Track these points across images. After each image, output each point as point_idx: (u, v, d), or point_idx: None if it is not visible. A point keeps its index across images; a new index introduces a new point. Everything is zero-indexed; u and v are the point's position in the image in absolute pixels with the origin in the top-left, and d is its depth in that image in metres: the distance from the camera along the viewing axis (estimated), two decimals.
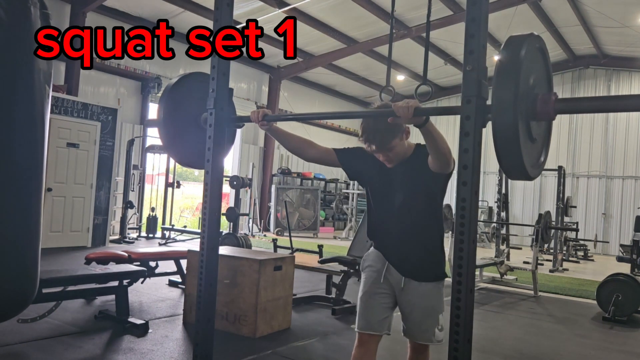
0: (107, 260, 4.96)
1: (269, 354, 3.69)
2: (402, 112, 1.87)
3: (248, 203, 13.09)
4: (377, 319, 2.33)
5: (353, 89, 16.46)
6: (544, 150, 1.86)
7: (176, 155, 2.66)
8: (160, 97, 2.56)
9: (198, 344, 2.32)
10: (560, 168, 10.63)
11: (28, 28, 2.67)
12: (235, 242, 7.34)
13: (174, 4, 10.30)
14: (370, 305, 2.35)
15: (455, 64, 13.74)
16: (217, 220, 2.41)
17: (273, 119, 2.33)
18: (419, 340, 2.37)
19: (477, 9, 1.67)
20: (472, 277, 1.68)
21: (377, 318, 2.33)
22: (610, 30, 12.00)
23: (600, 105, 1.92)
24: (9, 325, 3.64)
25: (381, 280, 2.36)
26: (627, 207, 14.27)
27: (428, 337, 2.33)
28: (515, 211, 15.26)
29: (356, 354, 2.32)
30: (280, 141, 2.47)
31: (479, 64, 1.67)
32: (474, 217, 1.68)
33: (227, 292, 4.13)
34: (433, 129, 1.97)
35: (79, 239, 8.41)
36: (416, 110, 1.86)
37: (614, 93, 14.37)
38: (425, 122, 1.93)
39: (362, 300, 2.39)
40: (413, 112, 1.86)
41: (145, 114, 11.26)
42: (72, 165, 8.27)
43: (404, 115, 1.88)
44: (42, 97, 2.83)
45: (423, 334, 2.34)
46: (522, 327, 5.06)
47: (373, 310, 2.34)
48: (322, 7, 10.93)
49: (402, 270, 2.34)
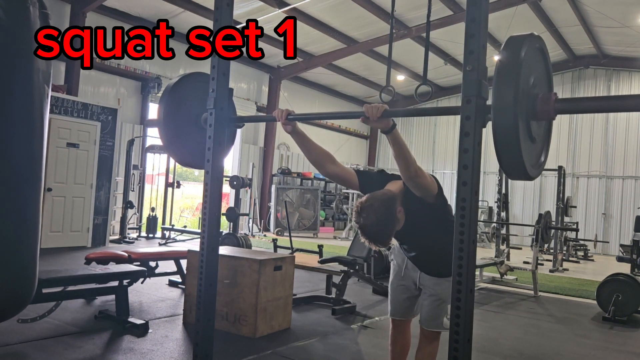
0: (107, 260, 4.96)
1: (269, 354, 3.68)
2: (371, 112, 2.02)
3: (248, 203, 13.09)
4: (401, 307, 2.72)
5: (353, 89, 16.45)
6: (544, 150, 1.86)
7: (176, 155, 2.66)
8: (160, 97, 2.56)
9: (198, 344, 2.32)
10: (560, 168, 10.62)
11: (27, 28, 2.67)
12: (235, 242, 7.34)
13: (174, 4, 10.29)
14: (395, 296, 2.74)
15: (455, 64, 13.74)
16: (217, 220, 2.40)
17: (296, 118, 2.30)
18: (431, 327, 2.61)
19: (477, 9, 1.67)
20: (472, 277, 1.68)
21: (401, 306, 2.72)
22: (610, 30, 12.00)
23: (600, 105, 1.92)
24: (9, 325, 3.64)
25: (402, 275, 2.69)
26: (627, 207, 14.26)
27: (437, 324, 2.59)
28: (515, 211, 15.26)
29: (392, 335, 2.78)
30: (303, 148, 2.45)
31: (479, 64, 1.67)
32: (474, 217, 1.68)
33: (227, 292, 4.13)
34: (399, 137, 2.11)
35: (79, 239, 8.41)
36: (385, 112, 2.01)
37: (614, 93, 14.37)
38: (392, 129, 2.06)
39: (390, 289, 2.77)
40: (381, 113, 2.01)
41: (145, 114, 11.25)
42: (72, 165, 8.27)
43: (371, 116, 2.03)
44: (41, 96, 2.83)
45: (434, 321, 2.59)
46: (522, 327, 5.06)
47: (397, 300, 2.73)
48: (322, 7, 10.93)
49: (419, 266, 2.63)
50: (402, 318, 2.74)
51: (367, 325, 4.67)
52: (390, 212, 2.29)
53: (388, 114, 2.04)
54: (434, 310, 2.60)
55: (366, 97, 17.14)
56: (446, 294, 2.46)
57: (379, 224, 2.27)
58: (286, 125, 2.32)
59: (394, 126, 2.08)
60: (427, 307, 2.63)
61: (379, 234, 2.30)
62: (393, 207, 2.31)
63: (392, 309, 2.76)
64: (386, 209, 2.28)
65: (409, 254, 2.67)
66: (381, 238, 2.32)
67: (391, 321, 2.78)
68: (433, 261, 2.58)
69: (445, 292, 2.49)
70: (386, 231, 2.31)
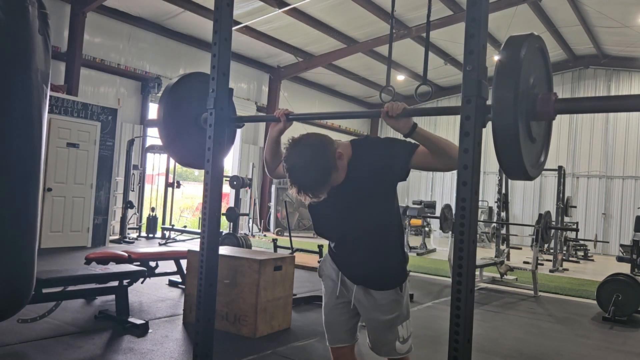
0: (107, 260, 4.96)
1: (269, 354, 3.69)
2: (391, 107, 1.86)
3: (248, 203, 13.09)
4: (342, 330, 2.25)
5: (353, 89, 16.45)
6: (544, 150, 1.86)
7: (176, 155, 2.66)
8: (160, 97, 2.56)
9: (198, 344, 2.32)
10: (560, 168, 10.63)
11: (26, 28, 2.67)
12: (235, 242, 7.34)
13: (174, 4, 10.29)
14: (333, 319, 2.26)
15: (455, 64, 13.74)
16: (217, 220, 2.40)
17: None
18: (381, 354, 2.22)
19: (477, 9, 1.67)
20: (472, 277, 1.67)
21: (342, 329, 2.25)
22: (610, 30, 12.00)
23: (600, 105, 1.92)
24: (9, 325, 3.64)
25: (337, 293, 2.23)
26: (627, 207, 14.27)
27: (388, 351, 2.17)
28: (515, 211, 15.26)
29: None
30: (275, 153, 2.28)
31: (479, 64, 1.67)
32: (474, 217, 1.67)
33: (227, 292, 4.13)
34: (425, 133, 1.90)
35: (79, 239, 8.41)
36: (404, 110, 1.86)
37: (614, 93, 14.37)
38: (413, 130, 1.88)
39: (325, 312, 2.30)
40: (401, 110, 1.85)
41: (145, 114, 11.25)
42: (72, 165, 8.27)
43: (391, 111, 1.86)
44: (40, 96, 2.83)
45: (383, 347, 2.19)
46: (522, 327, 5.06)
47: (337, 323, 2.25)
48: (322, 7, 10.93)
49: (356, 279, 2.16)
50: (345, 344, 2.25)
51: None
52: (328, 151, 1.93)
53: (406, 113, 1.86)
54: (380, 334, 2.17)
55: (366, 97, 17.15)
56: (397, 311, 2.12)
57: (313, 162, 1.89)
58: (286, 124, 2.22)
59: (415, 126, 1.88)
60: (373, 331, 2.20)
61: (312, 176, 1.90)
62: (332, 147, 1.94)
63: (331, 336, 2.27)
64: (324, 146, 1.93)
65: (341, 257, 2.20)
66: (315, 184, 1.90)
67: (331, 351, 2.28)
68: (375, 268, 2.11)
69: (395, 309, 2.12)
70: (322, 174, 1.91)
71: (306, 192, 1.92)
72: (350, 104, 17.05)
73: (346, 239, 2.18)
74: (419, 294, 6.28)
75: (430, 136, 1.92)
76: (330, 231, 2.22)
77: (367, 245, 2.11)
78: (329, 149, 1.94)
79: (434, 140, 1.92)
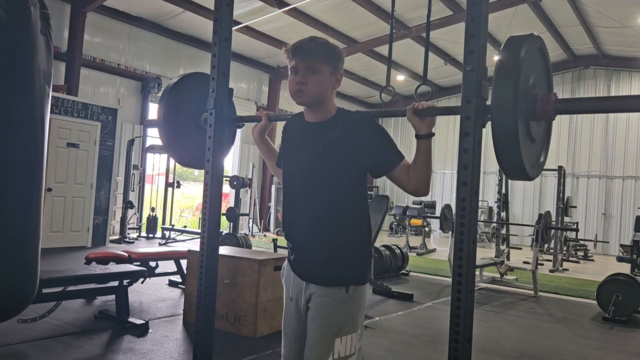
0: (107, 260, 4.96)
1: (269, 354, 3.69)
2: (420, 102, 1.77)
3: (248, 203, 13.09)
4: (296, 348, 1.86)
5: (353, 89, 16.45)
6: (544, 150, 1.86)
7: (176, 155, 2.66)
8: (160, 97, 2.56)
9: (198, 344, 2.32)
10: (560, 168, 10.62)
11: (28, 28, 2.67)
12: (235, 242, 7.35)
13: (173, 4, 10.29)
14: (285, 332, 1.91)
15: (455, 64, 13.74)
16: (217, 220, 2.40)
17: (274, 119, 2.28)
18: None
19: (477, 9, 1.67)
20: (472, 277, 1.67)
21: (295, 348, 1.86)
22: (610, 30, 12.00)
23: (600, 106, 1.92)
24: (9, 325, 3.64)
25: (290, 299, 1.87)
26: (627, 207, 14.27)
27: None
28: (515, 211, 15.26)
29: None
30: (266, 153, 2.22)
31: (479, 64, 1.67)
32: (474, 217, 1.67)
33: (227, 292, 4.13)
34: (430, 148, 1.76)
35: (79, 239, 8.41)
36: (430, 108, 1.74)
37: (614, 93, 14.37)
38: (431, 135, 1.77)
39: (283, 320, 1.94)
40: (427, 106, 1.74)
41: (145, 114, 11.26)
42: (72, 165, 8.27)
43: (420, 105, 1.74)
44: (42, 97, 2.83)
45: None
46: (522, 327, 5.06)
47: (288, 338, 1.89)
48: (322, 7, 10.93)
49: (302, 272, 1.82)
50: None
51: (367, 325, 4.67)
52: (339, 50, 1.86)
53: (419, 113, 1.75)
54: (310, 345, 1.74)
55: (366, 97, 17.14)
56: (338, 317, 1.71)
57: (321, 39, 1.81)
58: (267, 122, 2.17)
59: (433, 134, 1.80)
60: (310, 338, 1.75)
61: (316, 41, 1.81)
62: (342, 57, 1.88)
63: (285, 351, 1.90)
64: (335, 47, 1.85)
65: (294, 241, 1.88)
66: (315, 46, 1.79)
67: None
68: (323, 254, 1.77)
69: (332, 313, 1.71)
70: (326, 47, 1.81)
71: (299, 50, 1.78)
72: (350, 104, 17.04)
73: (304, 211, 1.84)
74: (419, 294, 6.28)
75: (430, 151, 1.78)
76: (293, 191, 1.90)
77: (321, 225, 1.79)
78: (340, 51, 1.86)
79: (429, 158, 1.76)
